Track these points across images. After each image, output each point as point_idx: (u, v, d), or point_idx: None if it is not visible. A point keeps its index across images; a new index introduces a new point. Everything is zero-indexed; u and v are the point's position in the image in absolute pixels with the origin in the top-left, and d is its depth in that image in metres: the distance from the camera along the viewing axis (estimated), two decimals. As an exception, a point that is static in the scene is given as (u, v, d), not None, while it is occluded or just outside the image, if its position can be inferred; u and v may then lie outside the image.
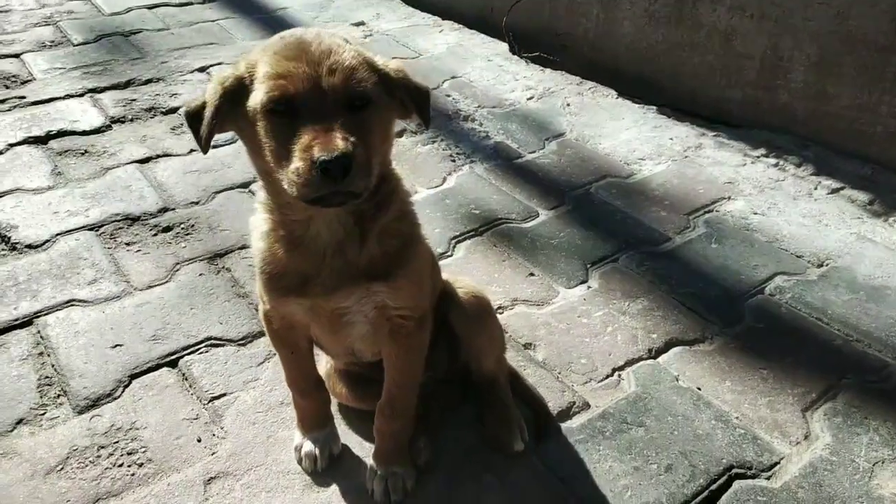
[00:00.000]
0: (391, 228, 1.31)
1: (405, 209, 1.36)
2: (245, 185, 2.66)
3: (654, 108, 3.29)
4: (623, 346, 1.96)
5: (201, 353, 1.93)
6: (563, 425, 1.71)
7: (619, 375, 1.87)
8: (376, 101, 1.16)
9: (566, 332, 2.01)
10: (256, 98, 1.13)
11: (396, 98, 1.23)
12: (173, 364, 1.90)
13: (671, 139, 3.03)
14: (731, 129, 3.09)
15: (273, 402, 1.77)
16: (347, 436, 1.68)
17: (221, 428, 1.71)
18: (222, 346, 1.96)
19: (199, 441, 1.67)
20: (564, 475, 1.59)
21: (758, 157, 2.90)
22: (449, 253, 2.34)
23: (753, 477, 1.60)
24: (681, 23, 3.18)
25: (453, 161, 2.86)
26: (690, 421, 1.73)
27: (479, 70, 3.62)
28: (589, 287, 2.19)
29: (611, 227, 2.47)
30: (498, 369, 1.69)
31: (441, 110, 3.23)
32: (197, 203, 2.56)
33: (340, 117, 1.10)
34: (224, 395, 1.80)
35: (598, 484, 1.57)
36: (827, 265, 2.28)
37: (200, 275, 2.22)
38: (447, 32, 4.10)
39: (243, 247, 2.34)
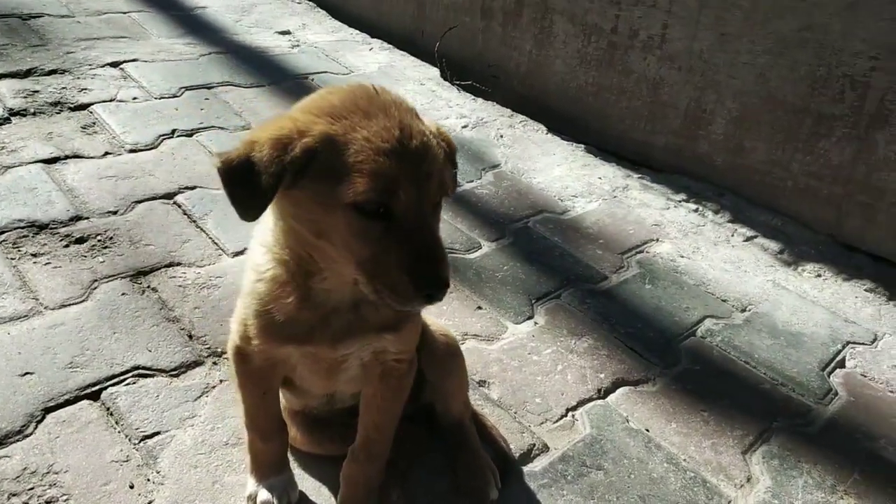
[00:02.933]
0: None
1: None
2: (169, 196, 2.43)
3: (583, 146, 3.39)
4: (574, 386, 1.97)
5: (128, 384, 1.74)
6: (525, 468, 1.68)
7: (573, 416, 1.87)
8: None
9: (518, 370, 1.99)
10: (348, 193, 1.01)
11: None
12: (95, 396, 1.69)
13: (600, 178, 3.13)
14: (654, 173, 3.24)
15: (216, 443, 1.62)
16: (302, 480, 1.56)
17: (157, 472, 1.53)
18: (152, 376, 1.77)
19: (131, 487, 1.49)
20: (530, 521, 1.56)
21: (679, 201, 3.05)
22: (394, 282, 2.26)
23: (706, 520, 1.65)
24: (611, 67, 3.31)
25: (392, 185, 2.79)
26: (645, 464, 1.76)
27: (413, 93, 3.58)
28: (536, 323, 2.19)
29: (551, 262, 2.50)
30: (465, 412, 1.64)
31: (376, 131, 3.15)
32: (115, 213, 2.33)
33: (433, 223, 1.09)
34: (158, 433, 1.62)
35: (563, 530, 1.56)
36: (749, 310, 2.42)
37: (123, 294, 2.01)
38: (377, 51, 4.04)
39: (171, 264, 2.15)
